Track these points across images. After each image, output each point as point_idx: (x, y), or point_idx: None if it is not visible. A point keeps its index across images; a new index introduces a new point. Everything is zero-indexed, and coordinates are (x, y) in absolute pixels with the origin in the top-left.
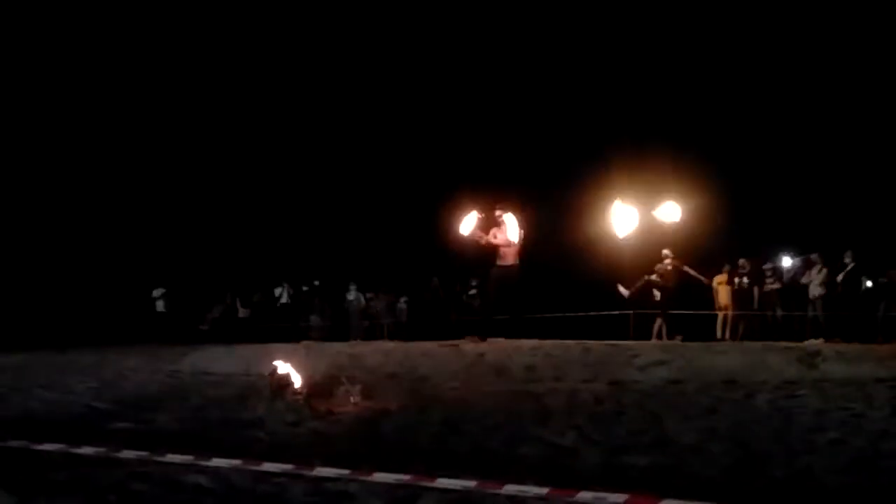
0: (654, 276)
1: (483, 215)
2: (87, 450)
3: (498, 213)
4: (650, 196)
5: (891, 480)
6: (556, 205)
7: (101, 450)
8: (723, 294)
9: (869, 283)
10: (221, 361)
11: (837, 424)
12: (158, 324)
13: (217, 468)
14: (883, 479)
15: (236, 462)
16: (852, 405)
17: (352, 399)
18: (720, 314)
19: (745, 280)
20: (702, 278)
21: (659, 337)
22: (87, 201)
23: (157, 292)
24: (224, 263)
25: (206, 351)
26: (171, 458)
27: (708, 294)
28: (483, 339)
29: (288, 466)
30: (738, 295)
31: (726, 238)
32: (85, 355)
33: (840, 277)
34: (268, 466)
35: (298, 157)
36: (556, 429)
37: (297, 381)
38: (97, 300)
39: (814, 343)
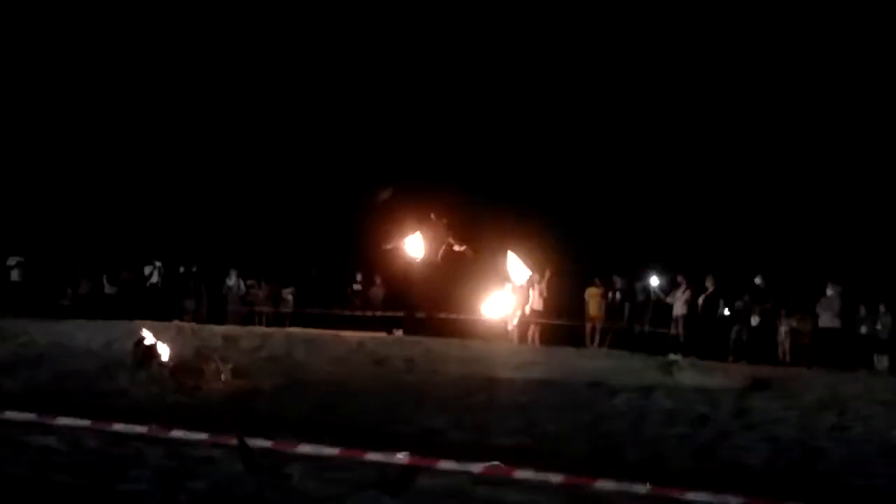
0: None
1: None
2: None
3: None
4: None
5: (727, 466)
6: None
7: None
8: (593, 306)
9: (726, 311)
10: (81, 335)
11: (686, 422)
12: (12, 295)
13: (66, 429)
14: (720, 465)
15: (85, 422)
16: (700, 407)
17: (222, 376)
18: (588, 325)
19: (618, 295)
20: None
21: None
22: None
23: (11, 261)
24: (90, 236)
25: (66, 324)
26: (12, 416)
27: (579, 306)
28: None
29: (143, 429)
30: (610, 308)
31: (597, 255)
32: None
33: (701, 300)
34: (120, 427)
35: (184, 138)
36: (428, 413)
37: (165, 353)
38: None
39: (673, 357)
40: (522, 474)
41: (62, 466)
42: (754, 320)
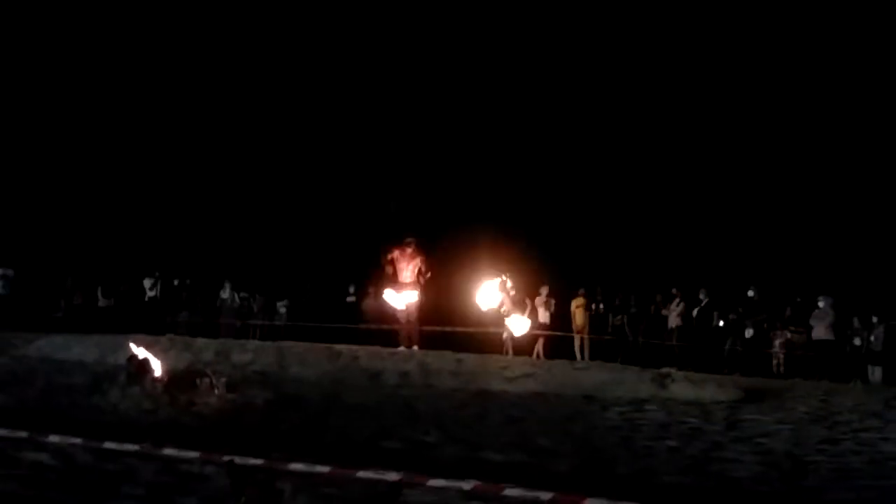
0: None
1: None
2: None
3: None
4: None
5: (716, 481)
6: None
7: None
8: (578, 317)
9: (721, 323)
10: (75, 348)
11: (677, 435)
12: None
13: (58, 445)
14: (710, 480)
15: (77, 440)
16: (692, 420)
17: (215, 391)
18: (577, 336)
19: (601, 306)
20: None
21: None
22: None
23: None
24: (84, 248)
25: (58, 337)
26: (3, 433)
27: (567, 317)
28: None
29: (134, 446)
30: (594, 319)
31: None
32: None
33: (695, 312)
34: (112, 445)
35: (179, 149)
36: (421, 427)
37: (158, 369)
38: None
39: (668, 370)
40: (512, 492)
41: (54, 483)
42: (748, 332)
